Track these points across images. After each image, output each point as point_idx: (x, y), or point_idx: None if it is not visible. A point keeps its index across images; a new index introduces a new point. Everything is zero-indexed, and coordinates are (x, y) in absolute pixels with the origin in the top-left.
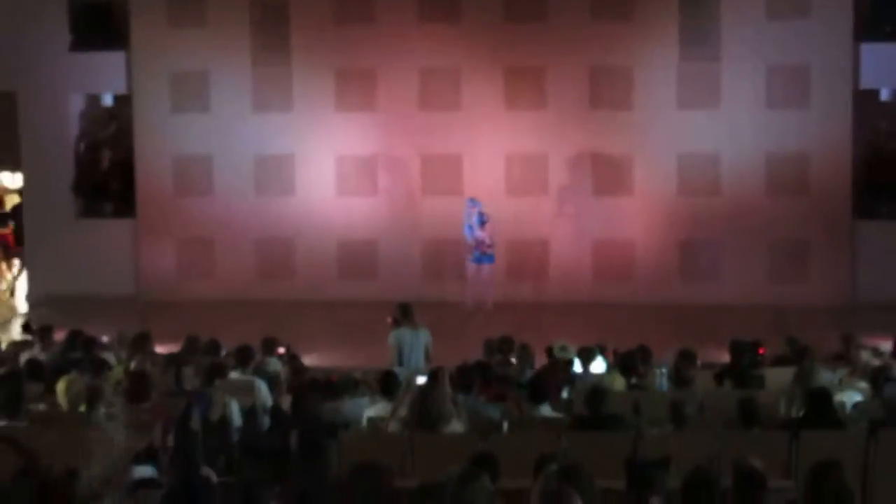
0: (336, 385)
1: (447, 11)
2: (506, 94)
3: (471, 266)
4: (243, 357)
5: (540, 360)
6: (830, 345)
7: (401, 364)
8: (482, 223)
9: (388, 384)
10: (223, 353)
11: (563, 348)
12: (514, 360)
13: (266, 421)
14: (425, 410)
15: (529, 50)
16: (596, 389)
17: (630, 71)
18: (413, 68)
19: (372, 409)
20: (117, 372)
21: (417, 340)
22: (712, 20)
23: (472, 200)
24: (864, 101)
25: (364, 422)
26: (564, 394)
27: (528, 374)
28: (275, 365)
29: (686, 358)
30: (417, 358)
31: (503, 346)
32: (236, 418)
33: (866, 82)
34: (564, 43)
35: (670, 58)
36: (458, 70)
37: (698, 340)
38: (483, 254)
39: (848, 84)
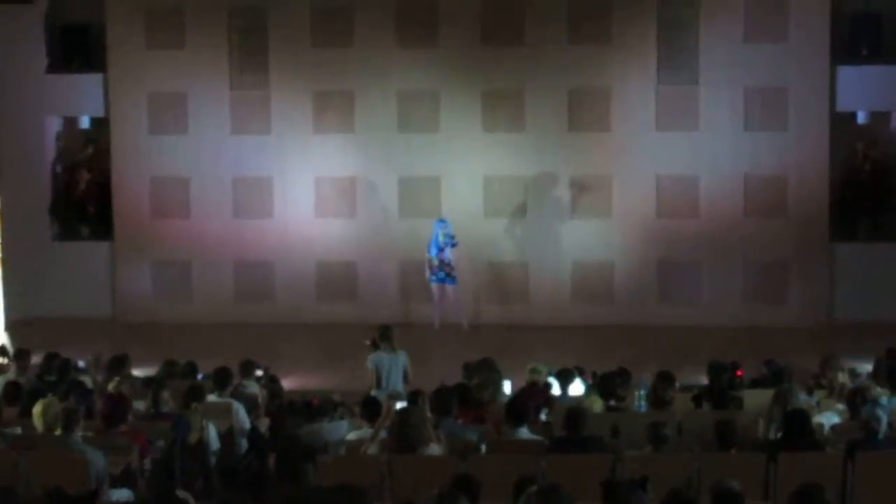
0: (315, 408)
1: (425, 35)
2: (484, 116)
3: (434, 287)
4: (221, 380)
5: (520, 383)
6: (808, 366)
7: (380, 387)
8: (452, 245)
9: (369, 409)
10: (201, 375)
11: (536, 370)
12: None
13: (244, 444)
14: (404, 433)
15: (507, 73)
16: (575, 411)
17: (608, 93)
18: (391, 91)
19: (354, 433)
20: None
21: (396, 363)
22: (690, 43)
23: (443, 221)
24: (841, 123)
25: (344, 445)
26: (543, 416)
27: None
28: (253, 388)
29: (664, 380)
30: (396, 381)
31: (482, 368)
32: (214, 441)
33: (843, 104)
34: (542, 66)
35: (649, 80)
36: (437, 93)
37: (677, 362)
38: (447, 275)
39: (825, 106)
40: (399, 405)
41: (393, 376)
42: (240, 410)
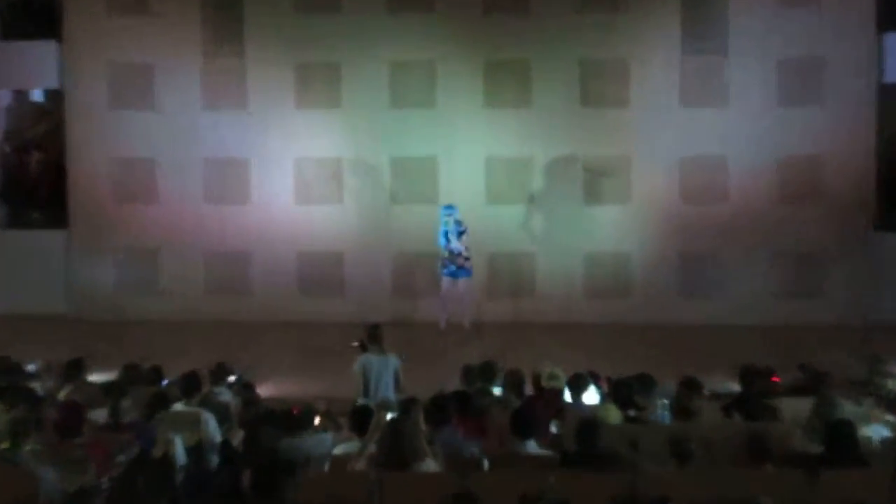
0: (296, 418)
1: (420, 0)
2: (486, 90)
3: (445, 281)
4: (189, 386)
5: (526, 389)
6: (851, 371)
7: (367, 395)
8: (460, 233)
9: (359, 420)
10: (166, 381)
11: (553, 376)
12: (497, 388)
13: (214, 459)
14: (395, 447)
15: (512, 41)
16: (588, 423)
17: (626, 65)
18: (383, 62)
19: (340, 447)
20: None
21: (386, 368)
22: (718, 10)
23: (449, 207)
24: (889, 96)
25: (328, 460)
26: (553, 428)
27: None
28: (225, 395)
29: (690, 386)
30: (386, 387)
31: (485, 372)
32: (181, 456)
33: (891, 76)
34: (552, 34)
35: (671, 50)
36: (433, 64)
37: (704, 366)
38: (459, 267)
39: (870, 78)
40: (390, 416)
41: (382, 382)
42: (210, 421)
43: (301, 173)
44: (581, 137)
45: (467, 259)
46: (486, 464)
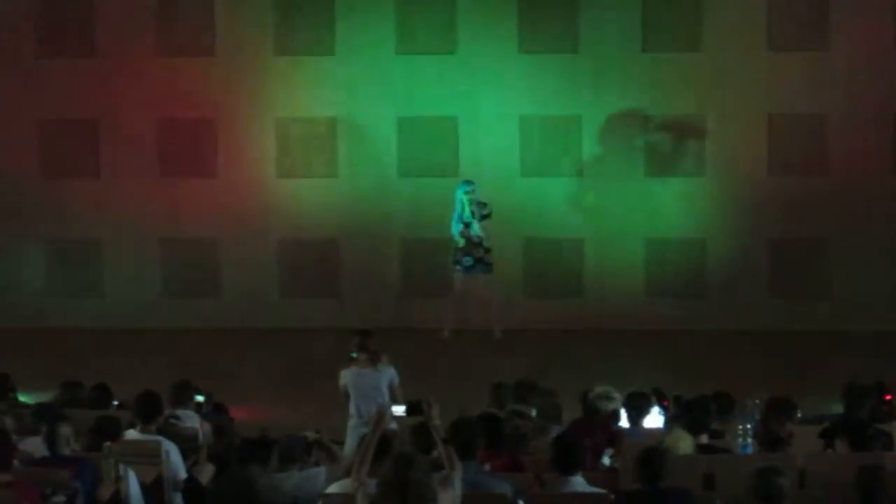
0: (278, 449)
1: None
2: (521, 31)
3: (459, 277)
4: (145, 409)
5: (571, 412)
6: None
7: (360, 416)
8: (483, 216)
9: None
10: (116, 403)
11: (605, 395)
12: (534, 412)
13: (178, 500)
14: (402, 494)
15: None
16: (651, 453)
17: None
18: None
19: (336, 485)
20: None
21: (378, 383)
22: None
23: (467, 183)
24: None
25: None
26: (606, 460)
27: (555, 431)
28: (190, 420)
29: (780, 408)
30: (378, 405)
31: (520, 392)
32: (135, 497)
33: None
34: None
35: None
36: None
37: (797, 383)
38: (478, 260)
39: None
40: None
41: (375, 401)
42: (171, 453)
43: (283, 138)
44: (641, 91)
45: (488, 251)
46: None
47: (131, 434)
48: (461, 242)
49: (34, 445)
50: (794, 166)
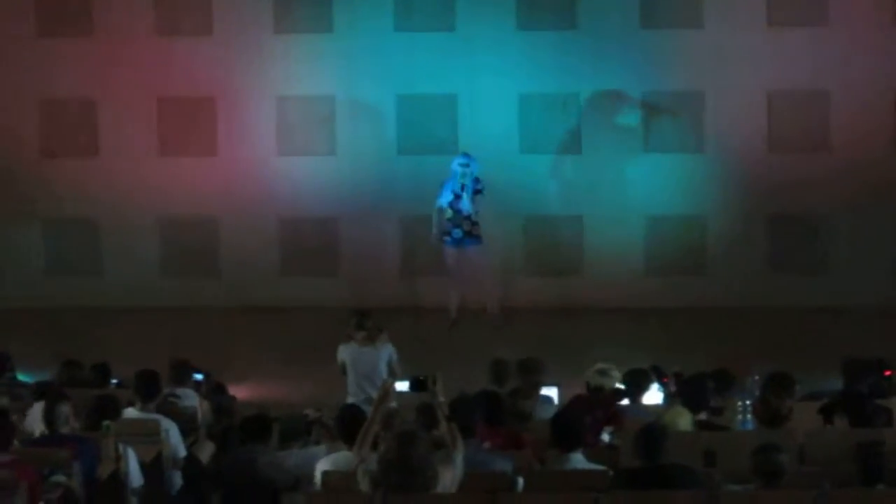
0: (278, 428)
1: None
2: (519, 7)
3: (448, 250)
4: (145, 388)
5: (571, 389)
6: None
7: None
8: (475, 191)
9: (347, 423)
10: (115, 381)
11: (604, 372)
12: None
13: (177, 479)
14: (405, 469)
15: None
16: (651, 430)
17: None
18: None
19: (327, 461)
20: None
21: (375, 361)
22: None
23: (464, 156)
24: None
25: (318, 478)
26: (605, 437)
27: (550, 409)
28: (189, 399)
29: (780, 384)
30: (376, 385)
31: (525, 369)
32: (135, 475)
33: None
34: None
35: None
36: None
37: (797, 359)
38: (467, 233)
39: None
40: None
41: (372, 379)
42: (171, 431)
43: (282, 117)
44: (640, 67)
45: (476, 224)
46: (520, 483)
47: (130, 413)
48: (448, 213)
49: (34, 424)
50: (794, 143)
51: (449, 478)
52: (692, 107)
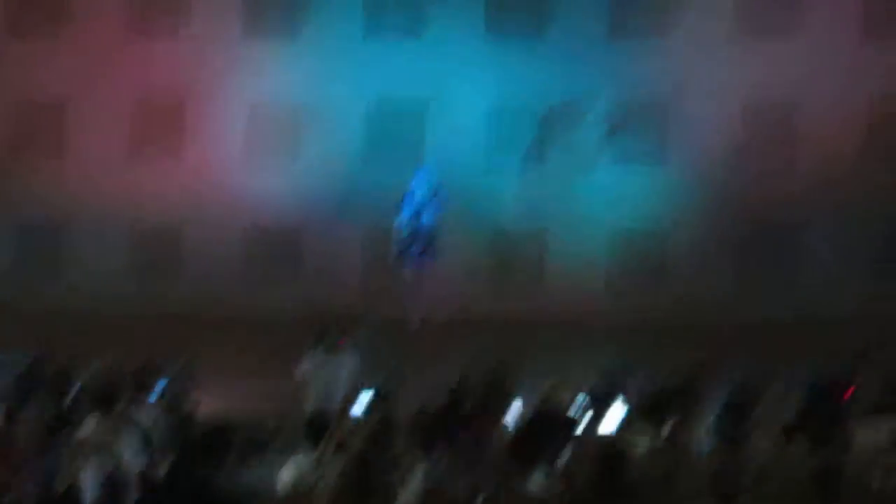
0: (241, 440)
1: None
2: (488, 14)
3: (406, 265)
4: (104, 398)
5: (530, 403)
6: None
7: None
8: (436, 207)
9: (312, 429)
10: (75, 390)
11: (555, 388)
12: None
13: (133, 495)
14: (363, 478)
15: None
16: (610, 450)
17: None
18: None
19: (289, 469)
20: None
21: (337, 372)
22: None
23: (425, 172)
24: None
25: (279, 489)
26: (564, 457)
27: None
28: (149, 410)
29: (740, 403)
30: (339, 395)
31: (487, 383)
32: (90, 490)
33: None
34: None
35: None
36: None
37: (760, 377)
38: (425, 249)
39: None
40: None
41: (333, 390)
42: (130, 444)
43: (252, 121)
44: (608, 76)
45: (433, 239)
46: (479, 501)
47: (89, 423)
48: (407, 230)
49: None
50: (763, 153)
51: (408, 495)
52: (658, 116)
